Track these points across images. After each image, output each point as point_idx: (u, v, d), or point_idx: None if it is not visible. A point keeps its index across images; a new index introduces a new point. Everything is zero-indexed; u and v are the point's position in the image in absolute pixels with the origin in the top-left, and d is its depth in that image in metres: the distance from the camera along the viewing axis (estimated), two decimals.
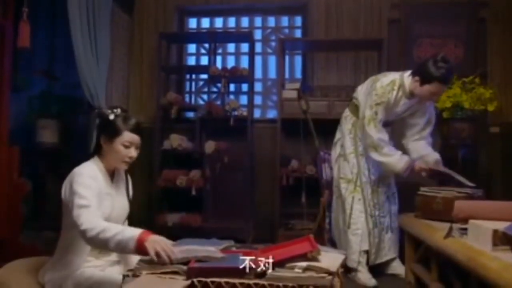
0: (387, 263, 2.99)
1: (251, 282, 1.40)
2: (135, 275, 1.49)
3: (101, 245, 1.64)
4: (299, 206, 3.92)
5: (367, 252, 2.88)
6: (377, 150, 2.81)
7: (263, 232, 4.15)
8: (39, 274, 1.85)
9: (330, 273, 1.42)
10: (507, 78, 4.21)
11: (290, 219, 4.00)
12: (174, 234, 3.66)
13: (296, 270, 1.43)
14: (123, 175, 1.96)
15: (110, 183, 1.87)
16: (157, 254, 1.51)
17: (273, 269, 1.45)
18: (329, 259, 1.54)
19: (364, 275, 2.78)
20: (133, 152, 1.84)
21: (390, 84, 2.80)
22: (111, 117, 1.82)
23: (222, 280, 1.41)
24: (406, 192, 3.15)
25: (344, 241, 2.94)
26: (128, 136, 1.81)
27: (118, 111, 1.85)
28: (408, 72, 2.86)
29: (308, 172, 3.93)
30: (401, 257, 3.00)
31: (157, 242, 1.54)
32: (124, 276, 1.51)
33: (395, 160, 2.78)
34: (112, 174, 1.90)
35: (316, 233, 2.81)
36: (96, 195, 1.73)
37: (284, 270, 1.44)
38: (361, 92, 2.97)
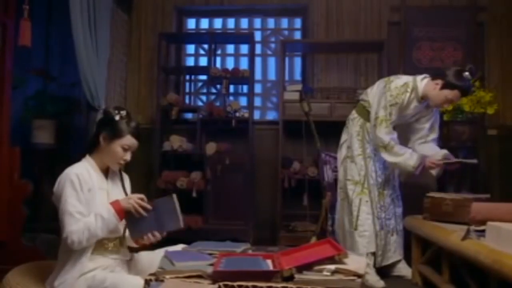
0: (393, 265, 2.99)
1: (279, 285, 1.38)
2: (158, 280, 1.47)
3: (92, 241, 1.74)
4: (301, 208, 3.93)
5: (373, 254, 2.88)
6: (387, 150, 2.80)
7: (264, 234, 4.13)
8: (47, 281, 1.81)
9: (359, 275, 1.41)
10: (504, 81, 4.27)
11: (291, 221, 3.99)
12: (174, 236, 3.62)
13: (325, 273, 1.42)
14: (117, 172, 1.96)
15: (105, 179, 1.89)
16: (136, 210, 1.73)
17: (300, 272, 1.44)
18: (354, 261, 1.53)
19: (372, 277, 2.77)
20: (128, 156, 1.87)
21: (404, 86, 2.81)
22: (117, 118, 1.84)
23: (249, 283, 1.39)
24: (408, 194, 3.17)
25: (350, 243, 2.93)
26: (129, 140, 1.84)
27: (124, 113, 1.87)
28: (421, 77, 2.87)
29: (310, 174, 3.92)
30: (406, 259, 3.02)
31: (129, 199, 1.76)
32: (147, 281, 1.48)
33: (406, 158, 2.77)
34: (106, 171, 1.91)
35: (318, 235, 2.80)
36: (83, 198, 1.75)
37: (311, 273, 1.43)
38: (371, 93, 2.96)
